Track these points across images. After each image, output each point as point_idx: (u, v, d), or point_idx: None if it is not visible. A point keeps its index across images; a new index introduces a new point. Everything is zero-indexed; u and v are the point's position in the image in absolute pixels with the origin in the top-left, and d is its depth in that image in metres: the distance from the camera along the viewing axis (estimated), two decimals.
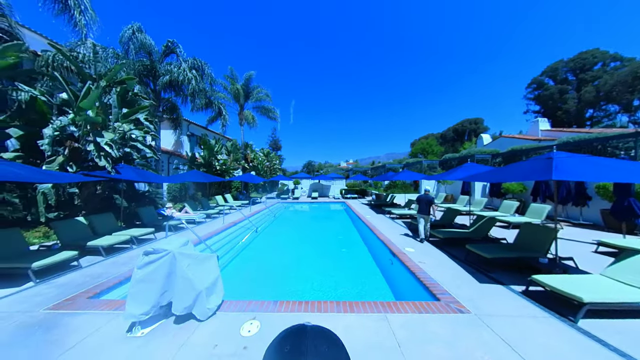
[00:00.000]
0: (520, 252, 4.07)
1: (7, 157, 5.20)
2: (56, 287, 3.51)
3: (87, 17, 5.97)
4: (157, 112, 12.21)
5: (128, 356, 2.11)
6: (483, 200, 10.14)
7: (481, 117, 58.07)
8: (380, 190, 19.94)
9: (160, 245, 2.60)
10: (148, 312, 2.42)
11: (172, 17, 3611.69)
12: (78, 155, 6.21)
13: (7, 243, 4.04)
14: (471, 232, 5.70)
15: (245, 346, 2.24)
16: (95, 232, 5.61)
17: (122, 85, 8.01)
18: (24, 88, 5.63)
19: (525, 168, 3.71)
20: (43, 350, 2.19)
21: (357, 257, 6.10)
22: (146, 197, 10.15)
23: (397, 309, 2.82)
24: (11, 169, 3.65)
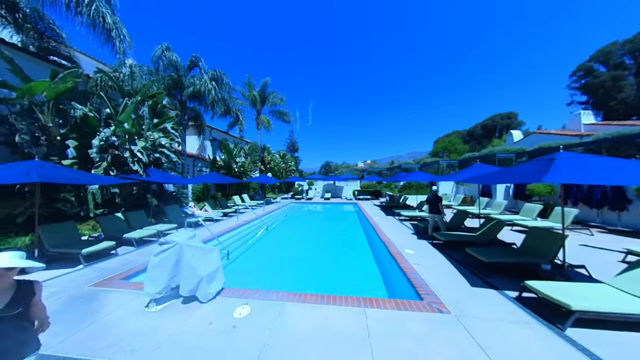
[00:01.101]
0: (521, 258, 3.89)
1: (66, 163, 6.39)
2: (98, 269, 4.31)
3: (124, 44, 7.04)
4: (183, 121, 13.59)
5: (143, 325, 2.63)
6: (503, 203, 9.45)
7: (515, 111, 52.93)
8: (395, 191, 19.47)
9: (171, 237, 3.13)
10: (161, 292, 2.95)
11: (196, 28, 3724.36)
12: (118, 161, 7.33)
13: (64, 233, 5.02)
14: (477, 236, 5.48)
15: (234, 325, 2.61)
16: (130, 226, 6.59)
17: (153, 98, 9.19)
18: (77, 107, 6.86)
19: (522, 170, 3.56)
20: (84, 316, 2.82)
21: (358, 256, 6.24)
22: (173, 197, 11.38)
23: (377, 305, 2.98)
24: (67, 173, 4.57)
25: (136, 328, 2.57)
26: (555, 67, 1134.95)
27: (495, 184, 3.67)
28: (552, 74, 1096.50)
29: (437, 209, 6.33)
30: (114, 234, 5.90)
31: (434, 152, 37.69)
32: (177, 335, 2.48)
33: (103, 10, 6.63)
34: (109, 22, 6.70)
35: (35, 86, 5.91)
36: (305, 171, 68.51)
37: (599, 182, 2.68)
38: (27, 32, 7.65)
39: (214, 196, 15.19)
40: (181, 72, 12.71)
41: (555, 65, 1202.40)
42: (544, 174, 2.86)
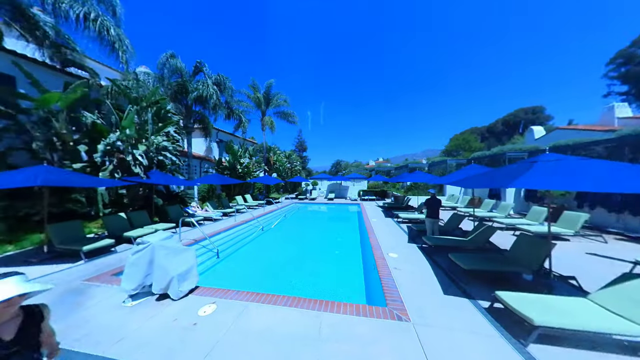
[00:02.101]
0: (502, 266, 3.69)
1: (76, 167, 6.98)
2: (95, 265, 4.69)
3: (127, 55, 7.56)
4: (189, 124, 14.24)
5: (116, 319, 2.85)
6: (509, 205, 8.91)
7: (541, 104, 49.37)
8: (401, 191, 19.00)
9: (147, 237, 3.35)
10: (136, 289, 3.18)
11: (207, 29, 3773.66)
12: (123, 164, 7.88)
13: (71, 231, 5.51)
14: (467, 241, 5.26)
15: (195, 323, 2.76)
16: (132, 225, 7.07)
17: (157, 104, 9.74)
18: (86, 114, 7.46)
19: (500, 173, 3.36)
20: (70, 309, 3.11)
21: (347, 259, 6.21)
22: (178, 197, 11.99)
23: (336, 309, 2.99)
24: (71, 177, 5.02)
25: (109, 322, 2.80)
26: (592, 55, 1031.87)
27: (470, 187, 3.46)
28: (589, 63, 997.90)
29: (437, 213, 6.11)
30: (117, 232, 6.37)
31: (447, 150, 36.18)
32: (142, 329, 2.67)
33: (107, 24, 7.16)
34: (112, 35, 7.21)
35: (49, 97, 6.52)
36: (317, 170, 68.66)
37: (573, 187, 2.47)
38: (47, 47, 8.43)
39: (219, 196, 15.78)
40: (186, 78, 13.30)
41: (592, 52, 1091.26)
42: (514, 179, 2.69)
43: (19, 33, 7.74)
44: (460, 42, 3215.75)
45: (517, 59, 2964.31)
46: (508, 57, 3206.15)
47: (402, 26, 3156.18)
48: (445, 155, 35.90)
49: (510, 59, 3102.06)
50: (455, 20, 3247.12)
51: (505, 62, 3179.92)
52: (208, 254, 6.05)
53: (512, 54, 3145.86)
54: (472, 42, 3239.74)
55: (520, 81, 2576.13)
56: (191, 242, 6.51)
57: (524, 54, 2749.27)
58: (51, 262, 4.79)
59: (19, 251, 5.43)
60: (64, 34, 8.55)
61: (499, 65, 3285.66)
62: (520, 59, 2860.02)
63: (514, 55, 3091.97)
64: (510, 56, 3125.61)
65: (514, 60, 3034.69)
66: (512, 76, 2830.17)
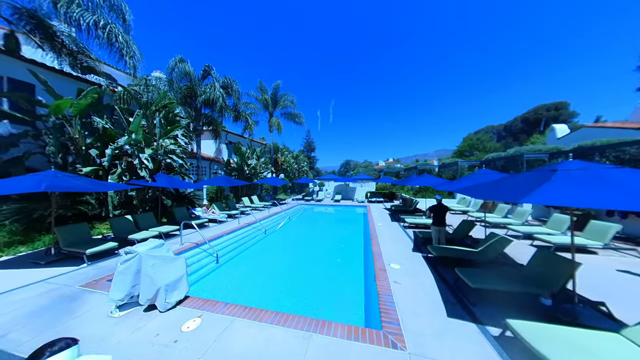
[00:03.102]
0: (517, 286, 3.27)
1: (86, 170, 7.25)
2: (97, 269, 4.78)
3: (135, 60, 7.75)
4: (198, 127, 14.54)
5: (100, 330, 2.81)
6: (526, 211, 8.20)
7: (566, 100, 46.12)
8: (410, 193, 18.33)
9: (135, 247, 3.30)
10: (123, 299, 3.13)
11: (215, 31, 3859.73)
12: (131, 167, 8.11)
13: (77, 234, 5.70)
14: (478, 253, 4.82)
15: (176, 340, 2.65)
16: (138, 227, 7.24)
17: (166, 108, 9.97)
18: (97, 120, 7.74)
19: (511, 184, 2.97)
20: (61, 314, 3.12)
21: (349, 268, 5.94)
22: (187, 198, 12.26)
23: (327, 331, 2.76)
24: (76, 182, 5.16)
25: (92, 334, 2.76)
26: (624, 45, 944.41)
27: (478, 198, 3.09)
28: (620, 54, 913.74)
29: (443, 221, 5.70)
30: (123, 234, 6.53)
31: (459, 151, 34.53)
32: (123, 344, 2.59)
33: (115, 30, 7.37)
34: (120, 42, 7.43)
35: (62, 104, 6.82)
36: (325, 169, 68.30)
37: (604, 205, 2.08)
38: (65, 55, 8.87)
39: (226, 197, 16.00)
40: (195, 81, 13.59)
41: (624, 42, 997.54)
42: (528, 192, 2.33)
43: (37, 44, 8.19)
44: (478, 34, 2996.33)
45: (539, 52, 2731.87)
46: (530, 50, 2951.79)
47: (415, 22, 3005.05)
48: (457, 156, 34.32)
49: (533, 51, 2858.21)
50: (471, 11, 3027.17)
51: (526, 55, 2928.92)
52: (208, 258, 6.03)
53: (534, 46, 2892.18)
54: (490, 35, 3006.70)
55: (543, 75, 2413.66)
56: (192, 245, 6.53)
57: (547, 46, 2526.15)
58: (57, 264, 4.95)
59: (30, 252, 5.68)
60: (80, 42, 8.96)
61: (519, 59, 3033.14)
62: (544, 52, 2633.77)
63: (537, 48, 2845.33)
64: (533, 49, 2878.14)
65: (536, 53, 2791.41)
66: (533, 70, 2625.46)
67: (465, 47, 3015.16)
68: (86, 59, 9.35)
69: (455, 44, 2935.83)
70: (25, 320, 3.00)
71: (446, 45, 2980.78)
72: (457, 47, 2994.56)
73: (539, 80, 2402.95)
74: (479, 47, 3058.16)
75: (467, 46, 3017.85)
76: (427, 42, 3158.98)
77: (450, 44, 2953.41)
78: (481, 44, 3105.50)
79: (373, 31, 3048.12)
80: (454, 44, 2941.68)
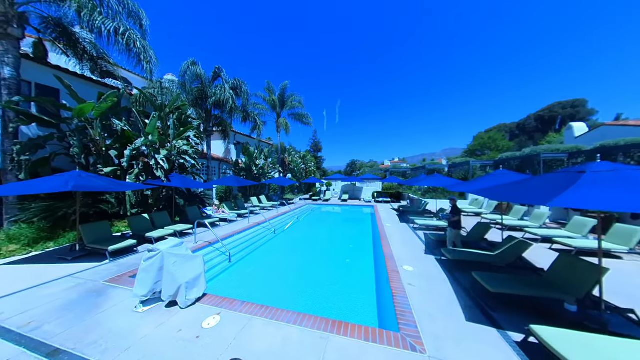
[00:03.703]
0: (539, 291, 3.17)
1: (107, 170, 7.58)
2: (118, 265, 5.00)
3: (152, 65, 8.04)
4: (209, 128, 14.87)
5: (125, 325, 2.95)
6: (544, 214, 7.90)
7: (583, 97, 44.21)
8: (418, 194, 18.03)
9: (157, 245, 3.43)
10: (146, 295, 3.27)
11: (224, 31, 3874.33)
12: (147, 168, 8.41)
13: (99, 231, 5.96)
14: (495, 256, 4.70)
15: (199, 336, 2.74)
16: (154, 225, 7.49)
17: (179, 110, 10.27)
18: (116, 122, 8.08)
19: (534, 185, 2.87)
20: (89, 308, 3.29)
21: (359, 269, 5.94)
22: (198, 198, 12.57)
23: (344, 332, 2.78)
24: (98, 182, 5.42)
25: (119, 327, 2.89)
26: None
27: (498, 200, 3.01)
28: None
29: (459, 223, 5.61)
30: (141, 232, 6.79)
31: (470, 150, 33.64)
32: (148, 339, 2.71)
33: (134, 36, 7.67)
34: (138, 47, 7.72)
35: (84, 107, 7.15)
36: (332, 169, 68.23)
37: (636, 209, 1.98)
38: (87, 61, 9.30)
39: (235, 197, 16.29)
40: (206, 83, 13.92)
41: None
42: (555, 194, 2.25)
43: (62, 50, 8.63)
44: (485, 29, 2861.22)
45: (554, 47, 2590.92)
46: (543, 46, 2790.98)
47: (420, 17, 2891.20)
48: (468, 155, 33.43)
49: (546, 47, 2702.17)
50: (479, 4, 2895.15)
51: (538, 51, 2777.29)
52: (221, 257, 6.17)
53: (547, 41, 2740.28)
54: (498, 30, 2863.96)
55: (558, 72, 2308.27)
56: (206, 244, 6.70)
57: (563, 40, 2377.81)
58: (82, 260, 5.21)
59: (57, 248, 6.00)
60: (100, 48, 9.37)
61: (531, 55, 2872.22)
62: (558, 46, 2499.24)
63: (550, 43, 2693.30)
64: (546, 44, 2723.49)
65: (550, 48, 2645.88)
66: (547, 67, 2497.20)
67: (471, 43, 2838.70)
68: (105, 63, 9.78)
69: (460, 40, 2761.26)
70: (58, 313, 3.18)
71: (450, 42, 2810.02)
72: (463, 44, 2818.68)
73: (553, 77, 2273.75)
74: (487, 43, 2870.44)
75: (473, 42, 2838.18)
76: (432, 39, 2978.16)
77: (453, 41, 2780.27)
78: (488, 39, 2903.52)
79: (377, 29, 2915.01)
80: (458, 40, 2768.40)
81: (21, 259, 5.22)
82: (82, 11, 6.84)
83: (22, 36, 6.86)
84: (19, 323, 2.95)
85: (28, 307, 3.30)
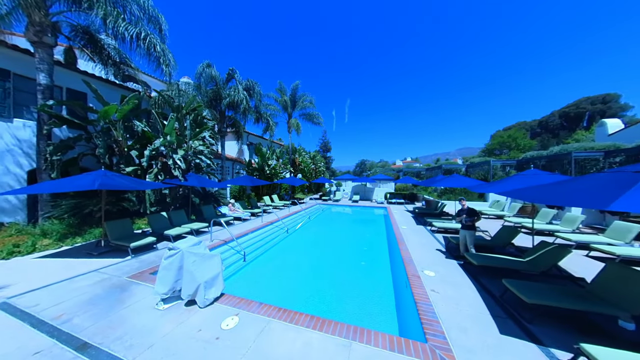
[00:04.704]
0: (585, 304, 2.85)
1: (128, 170, 7.91)
2: (139, 261, 5.16)
3: (170, 68, 8.31)
4: (223, 128, 15.21)
5: (148, 322, 2.99)
6: (578, 218, 7.27)
7: (615, 92, 40.94)
8: (434, 195, 17.38)
9: (177, 244, 3.47)
10: (167, 293, 3.31)
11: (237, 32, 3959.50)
12: (166, 167, 8.70)
13: (122, 228, 6.22)
14: (526, 263, 4.34)
15: (218, 337, 2.71)
16: (172, 223, 7.72)
17: (195, 111, 10.55)
18: (137, 123, 8.41)
19: (585, 186, 2.57)
20: (113, 303, 3.39)
21: (375, 272, 5.76)
22: (213, 197, 12.87)
23: (367, 339, 2.64)
24: (122, 181, 5.63)
25: (142, 324, 2.94)
26: None
27: (541, 203, 2.74)
28: None
29: (473, 224, 5.30)
30: (159, 230, 7.01)
31: (488, 149, 32.00)
32: (170, 336, 2.72)
33: (154, 41, 7.95)
34: (158, 51, 7.99)
35: (108, 109, 7.50)
36: (340, 170, 67.70)
37: None
38: (111, 66, 9.80)
39: (249, 196, 16.54)
40: (220, 85, 14.23)
41: None
42: (611, 199, 1.98)
43: (89, 56, 9.13)
44: (495, 21, 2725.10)
45: (578, 37, 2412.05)
46: (566, 36, 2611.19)
47: (435, 10, 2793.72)
48: (486, 154, 31.82)
49: (570, 37, 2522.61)
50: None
51: (562, 43, 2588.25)
52: (236, 255, 6.21)
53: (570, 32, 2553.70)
54: (511, 20, 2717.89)
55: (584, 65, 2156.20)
56: (221, 242, 6.79)
57: (588, 31, 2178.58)
58: (106, 255, 5.43)
59: (84, 243, 6.32)
60: (123, 53, 9.83)
61: (553, 47, 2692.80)
62: (584, 36, 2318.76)
63: (574, 34, 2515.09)
64: (569, 35, 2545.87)
65: (574, 38, 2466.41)
66: (571, 59, 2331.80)
67: (482, 40, 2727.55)
68: (127, 68, 10.24)
69: (469, 38, 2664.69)
70: (86, 307, 3.30)
71: (460, 40, 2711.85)
72: (470, 41, 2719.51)
73: (577, 70, 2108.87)
74: (501, 39, 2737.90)
75: (484, 39, 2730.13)
76: (444, 35, 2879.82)
77: (464, 38, 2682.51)
78: (501, 35, 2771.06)
79: (387, 26, 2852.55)
80: (468, 37, 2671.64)
81: (53, 253, 5.54)
82: (108, 18, 7.17)
83: (55, 44, 7.31)
84: (52, 315, 3.08)
85: (60, 300, 3.45)
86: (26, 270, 4.53)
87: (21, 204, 7.63)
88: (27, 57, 7.61)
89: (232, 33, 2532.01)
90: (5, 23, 6.99)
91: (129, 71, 10.36)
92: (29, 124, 7.78)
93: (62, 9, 7.47)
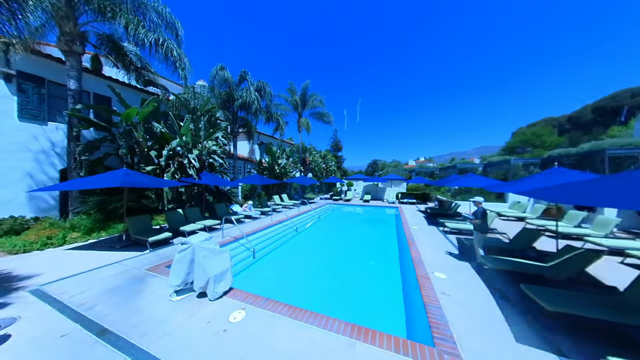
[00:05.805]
0: (616, 314, 2.60)
1: (148, 169, 8.37)
2: (156, 255, 5.45)
3: (186, 71, 8.70)
4: (235, 129, 15.64)
5: (162, 312, 3.15)
6: (612, 221, 6.64)
7: None
8: (447, 195, 16.71)
9: (189, 238, 3.62)
10: (179, 285, 3.46)
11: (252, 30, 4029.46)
12: (182, 166, 9.11)
13: (142, 223, 6.60)
14: (549, 268, 4.05)
15: (225, 329, 2.80)
16: (187, 220, 8.07)
17: (209, 113, 10.94)
18: (156, 125, 8.88)
19: (623, 184, 2.32)
20: (132, 293, 3.61)
21: (384, 272, 5.66)
22: (225, 195, 13.29)
23: (372, 340, 2.60)
24: (142, 179, 5.98)
25: (157, 314, 3.10)
26: None
27: (566, 203, 2.52)
28: None
29: (486, 227, 5.01)
30: (175, 225, 7.36)
31: (509, 147, 30.14)
32: (181, 327, 2.85)
33: (171, 46, 8.35)
34: (175, 56, 8.38)
35: (131, 112, 8.00)
36: (352, 169, 67.16)
37: None
38: (132, 71, 10.43)
39: (259, 195, 16.89)
40: (233, 87, 14.65)
41: None
42: None
43: (113, 63, 9.76)
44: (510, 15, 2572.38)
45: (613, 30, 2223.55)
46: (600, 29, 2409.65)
47: (452, 6, 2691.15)
48: (507, 153, 29.99)
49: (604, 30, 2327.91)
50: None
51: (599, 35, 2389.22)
52: (245, 252, 6.37)
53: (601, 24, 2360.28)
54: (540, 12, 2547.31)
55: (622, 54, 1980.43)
56: (231, 239, 6.99)
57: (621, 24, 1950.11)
58: (127, 249, 5.80)
59: (108, 237, 6.79)
60: (144, 59, 10.43)
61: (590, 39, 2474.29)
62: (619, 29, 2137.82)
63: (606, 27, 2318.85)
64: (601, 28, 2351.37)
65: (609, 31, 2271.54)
66: (609, 50, 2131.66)
67: (499, 36, 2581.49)
68: (147, 73, 10.84)
69: (485, 33, 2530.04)
70: (108, 295, 3.54)
71: (478, 34, 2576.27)
72: (497, 35, 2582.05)
73: (615, 63, 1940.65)
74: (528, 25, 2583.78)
75: (501, 35, 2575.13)
76: (460, 31, 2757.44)
77: (482, 32, 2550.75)
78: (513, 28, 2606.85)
79: (401, 23, 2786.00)
80: (485, 31, 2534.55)
81: (81, 245, 6.01)
82: (129, 26, 7.63)
83: (83, 52, 7.90)
84: (78, 302, 3.34)
85: (85, 288, 3.74)
86: (57, 260, 4.96)
87: (55, 201, 8.35)
88: (58, 65, 8.28)
89: (245, 35, 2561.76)
90: (39, 34, 7.67)
91: (149, 76, 10.97)
92: (60, 127, 8.48)
93: (89, 19, 8.05)
